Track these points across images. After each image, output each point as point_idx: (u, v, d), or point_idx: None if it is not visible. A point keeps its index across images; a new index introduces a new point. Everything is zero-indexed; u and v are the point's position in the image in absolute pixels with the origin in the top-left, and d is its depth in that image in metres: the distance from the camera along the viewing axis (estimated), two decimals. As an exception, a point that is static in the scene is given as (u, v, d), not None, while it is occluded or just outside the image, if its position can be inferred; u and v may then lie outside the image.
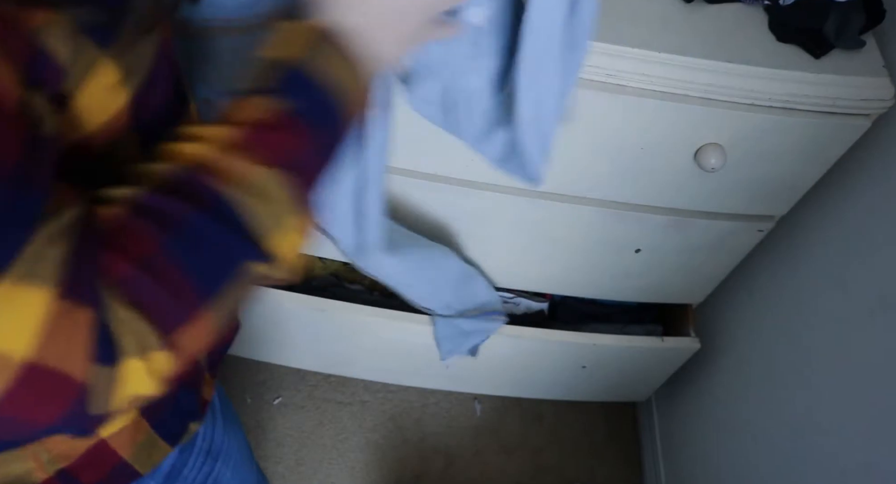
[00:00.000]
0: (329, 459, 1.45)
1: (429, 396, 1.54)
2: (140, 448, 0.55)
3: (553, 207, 0.98)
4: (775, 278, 1.10)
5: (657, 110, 0.81)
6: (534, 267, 1.12)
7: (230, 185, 0.38)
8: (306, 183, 0.42)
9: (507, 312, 1.34)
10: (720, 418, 1.22)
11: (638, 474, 1.51)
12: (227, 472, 0.70)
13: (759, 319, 1.14)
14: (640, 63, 0.77)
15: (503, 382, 1.39)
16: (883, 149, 0.87)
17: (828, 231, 0.98)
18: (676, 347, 1.22)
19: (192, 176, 0.38)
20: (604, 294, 1.21)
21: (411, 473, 1.45)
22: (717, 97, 0.80)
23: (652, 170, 0.90)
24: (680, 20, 0.81)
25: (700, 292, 1.19)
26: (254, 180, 0.39)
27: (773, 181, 0.92)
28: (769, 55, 0.80)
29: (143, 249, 0.36)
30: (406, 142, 0.89)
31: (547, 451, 1.52)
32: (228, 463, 0.70)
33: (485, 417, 1.54)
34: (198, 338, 0.39)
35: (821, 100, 0.80)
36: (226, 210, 0.38)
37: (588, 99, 0.80)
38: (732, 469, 1.16)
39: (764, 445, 1.07)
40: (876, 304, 0.86)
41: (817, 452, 0.94)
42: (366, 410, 1.51)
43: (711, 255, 1.07)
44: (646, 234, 1.02)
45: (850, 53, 0.81)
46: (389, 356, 1.29)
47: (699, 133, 0.84)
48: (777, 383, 1.06)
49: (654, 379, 1.34)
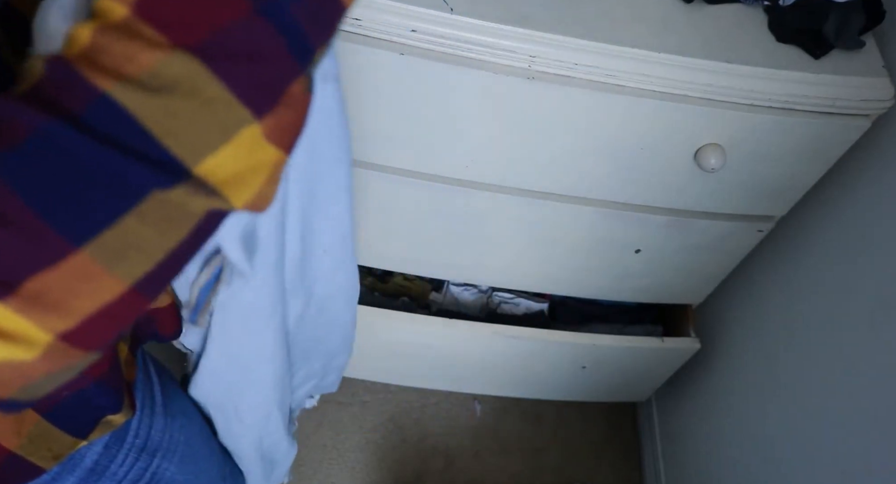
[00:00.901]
0: (329, 459, 1.45)
1: (429, 396, 1.54)
2: (31, 440, 0.50)
3: (553, 208, 0.98)
4: (775, 278, 1.10)
5: (657, 111, 0.81)
6: (534, 267, 1.12)
7: (122, 81, 0.27)
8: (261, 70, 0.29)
9: (508, 313, 1.34)
10: (720, 418, 1.22)
11: (638, 474, 1.51)
12: (171, 467, 0.68)
13: (759, 319, 1.14)
14: (640, 63, 0.77)
15: (503, 382, 1.39)
16: (883, 149, 0.87)
17: (828, 231, 0.98)
18: (676, 348, 1.22)
19: (66, 70, 0.27)
20: (604, 294, 1.21)
21: (411, 473, 1.45)
22: (716, 97, 0.80)
23: (652, 170, 0.90)
24: (680, 20, 0.81)
25: (700, 292, 1.19)
26: (161, 71, 0.27)
27: (773, 181, 0.92)
28: (769, 55, 0.80)
29: None
30: (406, 142, 0.89)
31: (547, 451, 1.52)
32: (172, 458, 0.68)
33: (485, 418, 1.54)
34: (72, 289, 0.28)
35: (820, 100, 0.80)
36: (111, 119, 0.27)
37: (588, 99, 0.80)
38: (732, 469, 1.16)
39: (764, 445, 1.07)
40: (876, 304, 0.86)
41: (817, 453, 0.94)
42: (366, 411, 1.51)
43: (711, 255, 1.07)
44: (646, 234, 1.02)
45: (850, 54, 0.81)
46: (389, 356, 1.29)
47: (699, 133, 0.84)
48: (777, 383, 1.06)
49: (654, 379, 1.34)
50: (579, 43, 0.76)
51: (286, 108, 0.30)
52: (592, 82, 0.79)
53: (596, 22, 0.78)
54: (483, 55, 0.77)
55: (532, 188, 0.96)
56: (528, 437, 1.53)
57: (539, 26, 0.76)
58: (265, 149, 0.30)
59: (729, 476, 1.16)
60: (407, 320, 1.15)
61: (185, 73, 0.27)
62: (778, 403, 1.05)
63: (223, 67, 0.28)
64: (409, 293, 1.32)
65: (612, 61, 0.77)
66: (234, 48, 0.28)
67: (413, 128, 0.87)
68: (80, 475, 0.57)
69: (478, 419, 1.54)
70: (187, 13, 0.27)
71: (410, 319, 1.16)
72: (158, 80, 0.27)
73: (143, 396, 0.64)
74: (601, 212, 0.98)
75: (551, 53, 0.77)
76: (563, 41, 0.76)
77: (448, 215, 1.02)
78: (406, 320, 1.15)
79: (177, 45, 0.27)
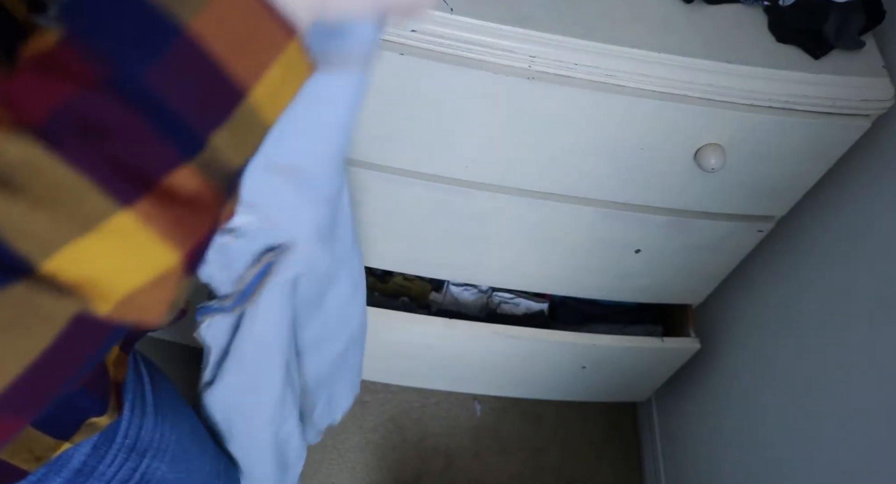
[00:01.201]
0: (329, 459, 1.45)
1: (429, 396, 1.54)
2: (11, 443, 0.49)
3: (553, 208, 0.98)
4: (775, 278, 1.10)
5: (657, 111, 0.81)
6: (534, 267, 1.12)
7: None
8: (116, 150, 0.24)
9: (508, 313, 1.34)
10: (720, 418, 1.22)
11: (638, 474, 1.51)
12: (163, 466, 0.67)
13: (759, 319, 1.14)
14: (640, 63, 0.77)
15: (503, 382, 1.39)
16: (883, 149, 0.87)
17: (828, 231, 0.98)
18: (676, 348, 1.22)
19: None
20: (604, 294, 1.21)
21: (411, 473, 1.45)
22: (716, 97, 0.80)
23: (652, 170, 0.90)
24: (680, 20, 0.81)
25: (700, 292, 1.19)
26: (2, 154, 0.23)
27: (773, 181, 0.92)
28: (769, 55, 0.80)
29: None
30: (406, 142, 0.89)
31: (547, 451, 1.52)
32: (163, 458, 0.67)
33: (485, 418, 1.54)
34: None
35: (820, 100, 0.80)
36: None
37: (588, 99, 0.80)
38: (732, 469, 1.16)
39: (764, 445, 1.07)
40: (876, 304, 0.86)
41: (817, 452, 0.94)
42: (366, 411, 1.51)
43: (711, 255, 1.07)
44: (646, 234, 1.02)
45: (850, 54, 0.81)
46: (389, 356, 1.29)
47: (699, 133, 0.84)
48: (777, 383, 1.06)
49: (654, 379, 1.34)
50: (579, 43, 0.76)
51: (177, 205, 0.26)
52: (592, 82, 0.79)
53: (596, 22, 0.78)
54: (483, 55, 0.77)
55: (532, 188, 0.96)
56: (528, 437, 1.53)
57: (539, 26, 0.76)
58: (150, 246, 0.25)
59: (729, 476, 1.16)
60: (407, 320, 1.15)
61: (22, 154, 0.23)
62: (778, 403, 1.05)
63: (68, 147, 0.24)
64: (409, 293, 1.32)
65: (612, 61, 0.77)
66: (81, 125, 0.24)
67: (413, 128, 0.87)
68: (66, 476, 0.57)
69: (478, 419, 1.54)
70: (32, 88, 0.24)
71: (410, 319, 1.16)
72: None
73: (133, 395, 0.64)
74: (601, 212, 0.98)
75: (551, 53, 0.77)
76: (563, 41, 0.76)
77: (448, 215, 1.02)
78: (406, 320, 1.15)
79: (15, 124, 0.23)
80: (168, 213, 0.25)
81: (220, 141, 0.27)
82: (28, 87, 0.24)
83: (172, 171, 0.26)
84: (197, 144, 0.26)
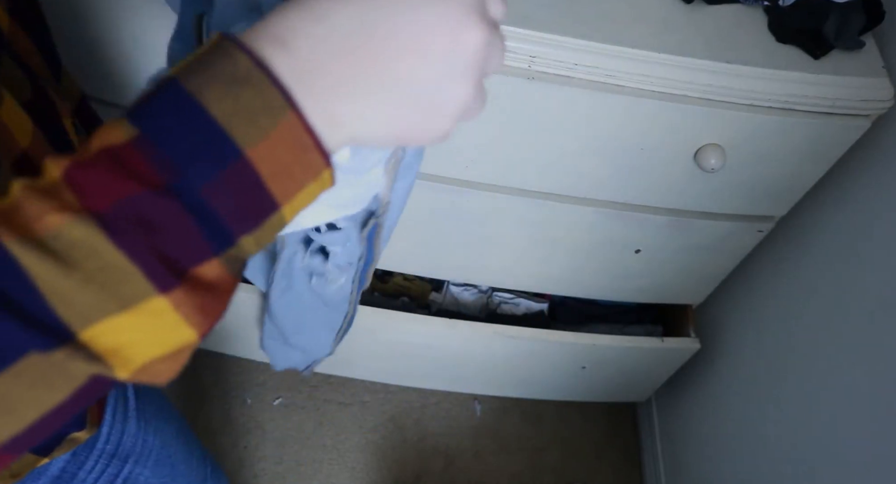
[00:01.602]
0: (329, 459, 1.45)
1: (429, 396, 1.54)
2: None
3: (553, 208, 0.98)
4: (775, 278, 1.10)
5: (657, 111, 0.81)
6: (534, 267, 1.12)
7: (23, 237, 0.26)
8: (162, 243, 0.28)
9: (508, 313, 1.34)
10: (720, 418, 1.22)
11: (638, 474, 1.51)
12: (145, 471, 0.67)
13: (759, 319, 1.14)
14: (640, 63, 0.77)
15: (503, 382, 1.39)
16: (883, 149, 0.87)
17: (828, 231, 0.98)
18: (676, 348, 1.22)
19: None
20: (604, 295, 1.21)
21: (411, 473, 1.45)
22: (716, 98, 0.80)
23: (652, 170, 0.90)
24: (680, 20, 0.81)
25: (700, 293, 1.19)
26: (62, 234, 0.26)
27: (773, 182, 0.92)
28: (769, 56, 0.80)
29: None
30: (406, 142, 0.89)
31: (547, 451, 1.52)
32: (146, 463, 0.67)
33: (485, 418, 1.54)
34: None
35: (820, 100, 0.80)
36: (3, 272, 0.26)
37: (588, 99, 0.80)
38: (733, 469, 1.16)
39: (764, 445, 1.07)
40: (876, 304, 0.86)
41: (817, 453, 0.94)
42: (366, 411, 1.51)
43: (711, 255, 1.07)
44: (646, 234, 1.02)
45: (850, 54, 0.81)
46: (389, 356, 1.29)
47: (699, 133, 0.84)
48: (777, 383, 1.06)
49: (654, 379, 1.34)
50: (579, 43, 0.76)
51: (201, 290, 0.29)
52: (592, 82, 0.79)
53: (596, 22, 0.78)
54: (483, 55, 0.77)
55: (532, 188, 0.96)
56: (528, 437, 1.53)
57: (539, 26, 0.76)
58: (175, 327, 0.29)
59: (729, 476, 1.16)
60: (407, 320, 1.15)
61: (84, 236, 0.27)
62: (778, 403, 1.05)
63: (124, 236, 0.27)
64: (409, 293, 1.32)
65: (612, 61, 0.77)
66: (138, 219, 0.27)
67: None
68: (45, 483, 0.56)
69: (478, 419, 1.54)
70: (102, 180, 0.27)
71: (410, 319, 1.16)
72: (58, 243, 0.26)
73: (115, 400, 0.63)
74: (601, 212, 0.98)
75: (551, 53, 0.77)
76: (563, 41, 0.76)
77: (448, 215, 1.02)
78: (406, 320, 1.15)
79: (83, 209, 0.27)
80: (195, 299, 0.29)
81: (247, 241, 0.31)
82: (99, 180, 0.27)
83: (204, 263, 0.29)
84: (229, 244, 0.30)
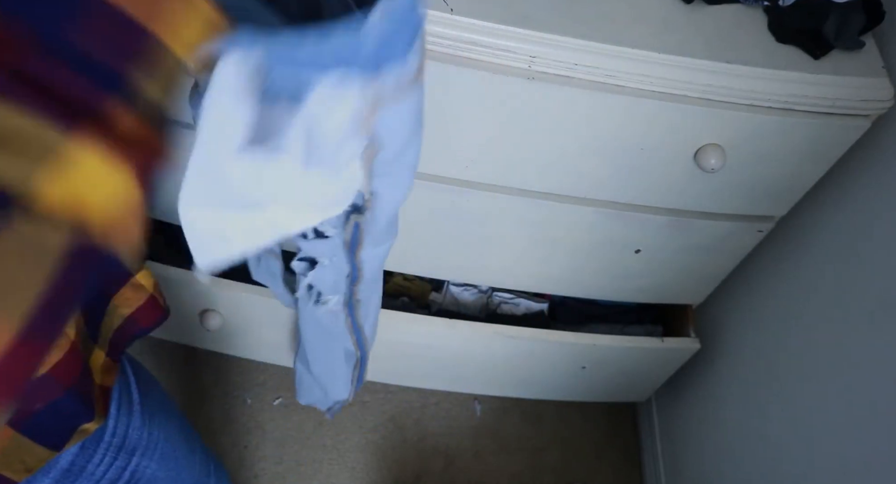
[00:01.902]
0: (329, 459, 1.45)
1: (429, 396, 1.54)
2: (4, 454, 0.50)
3: (553, 208, 0.98)
4: (775, 279, 1.10)
5: (657, 111, 0.81)
6: (534, 267, 1.12)
7: None
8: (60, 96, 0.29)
9: (508, 313, 1.34)
10: (720, 418, 1.22)
11: (638, 474, 1.51)
12: (152, 464, 0.68)
13: (759, 319, 1.14)
14: (640, 63, 0.77)
15: (503, 382, 1.39)
16: (883, 149, 0.87)
17: (828, 231, 0.98)
18: (676, 348, 1.22)
19: None
20: (604, 295, 1.21)
21: (411, 473, 1.46)
22: (716, 98, 0.80)
23: (652, 170, 0.90)
24: (680, 20, 0.81)
25: (700, 293, 1.19)
26: None
27: (773, 182, 0.92)
28: (769, 56, 0.80)
29: None
30: (406, 142, 0.89)
31: (547, 451, 1.52)
32: (152, 456, 0.68)
33: (485, 418, 1.54)
34: None
35: (820, 100, 0.80)
36: None
37: (588, 99, 0.80)
38: (733, 469, 1.16)
39: (764, 445, 1.07)
40: (876, 304, 0.86)
41: (817, 453, 0.94)
42: (366, 411, 1.51)
43: (711, 255, 1.07)
44: (646, 234, 1.02)
45: (850, 54, 0.81)
46: (389, 356, 1.29)
47: (699, 134, 0.84)
48: (777, 383, 1.06)
49: (654, 379, 1.34)
50: (579, 43, 0.76)
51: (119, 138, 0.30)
52: (592, 82, 0.79)
53: (596, 22, 0.78)
54: (483, 55, 0.77)
55: (532, 188, 0.96)
56: (528, 437, 1.53)
57: (539, 26, 0.76)
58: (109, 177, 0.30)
59: (729, 476, 1.16)
60: (407, 320, 1.15)
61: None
62: (778, 403, 1.05)
63: (13, 97, 0.28)
64: (408, 293, 1.32)
65: (612, 61, 0.77)
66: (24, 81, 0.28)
67: (413, 128, 0.87)
68: (55, 477, 0.57)
69: (478, 419, 1.54)
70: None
71: (410, 319, 1.16)
72: None
73: (119, 394, 0.64)
74: (601, 212, 0.98)
75: (551, 53, 0.77)
76: (563, 41, 0.76)
77: (448, 215, 1.02)
78: (406, 320, 1.16)
79: None
80: (114, 147, 0.29)
81: (148, 84, 0.32)
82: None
83: (102, 103, 0.30)
84: (118, 83, 0.31)
